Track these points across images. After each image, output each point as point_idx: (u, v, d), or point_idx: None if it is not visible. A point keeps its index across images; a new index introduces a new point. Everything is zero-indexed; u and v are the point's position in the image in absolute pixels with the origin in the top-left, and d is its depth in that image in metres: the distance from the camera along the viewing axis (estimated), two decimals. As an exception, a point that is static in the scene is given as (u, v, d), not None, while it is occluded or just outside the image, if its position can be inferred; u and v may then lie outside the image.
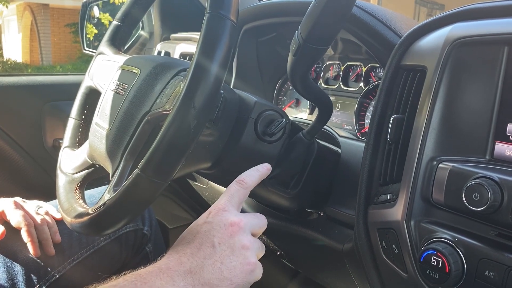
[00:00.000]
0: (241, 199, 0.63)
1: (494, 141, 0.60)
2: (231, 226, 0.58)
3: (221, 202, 0.61)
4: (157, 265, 0.54)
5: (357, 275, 0.86)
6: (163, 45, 1.48)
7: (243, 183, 0.64)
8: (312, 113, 1.09)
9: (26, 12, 12.09)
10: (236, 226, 0.58)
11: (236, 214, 0.60)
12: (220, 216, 0.59)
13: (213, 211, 0.60)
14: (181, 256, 0.54)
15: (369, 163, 0.74)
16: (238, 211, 0.61)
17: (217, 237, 0.56)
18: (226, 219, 0.58)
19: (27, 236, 0.88)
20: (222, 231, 0.57)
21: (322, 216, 0.92)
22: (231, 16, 0.60)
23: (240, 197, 0.63)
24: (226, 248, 0.56)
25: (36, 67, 11.25)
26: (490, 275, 0.55)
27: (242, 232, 0.58)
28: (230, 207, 0.61)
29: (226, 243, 0.56)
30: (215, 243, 0.56)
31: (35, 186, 1.51)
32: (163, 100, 0.69)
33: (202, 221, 0.59)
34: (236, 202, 0.62)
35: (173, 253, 0.55)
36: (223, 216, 0.59)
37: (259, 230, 0.64)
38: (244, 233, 0.58)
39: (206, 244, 0.55)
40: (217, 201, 0.62)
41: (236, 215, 0.60)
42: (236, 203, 0.62)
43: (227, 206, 0.61)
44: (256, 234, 0.63)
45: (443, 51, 0.64)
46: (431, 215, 0.63)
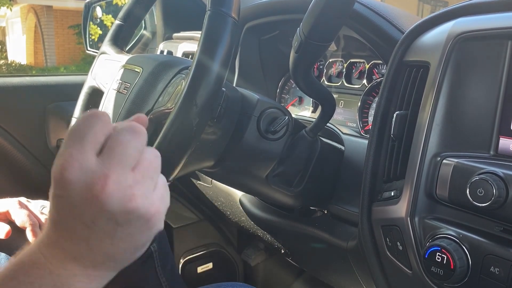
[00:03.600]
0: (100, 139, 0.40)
1: (499, 136, 0.59)
2: (96, 198, 0.38)
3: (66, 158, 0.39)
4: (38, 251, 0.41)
5: (362, 272, 0.86)
6: (166, 45, 1.48)
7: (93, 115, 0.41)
8: (315, 110, 1.09)
9: (30, 14, 12.14)
10: (103, 193, 0.38)
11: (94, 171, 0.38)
12: (72, 185, 0.38)
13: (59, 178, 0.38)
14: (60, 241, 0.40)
15: (372, 160, 0.73)
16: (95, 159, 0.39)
17: (85, 215, 0.39)
18: (83, 187, 0.38)
19: (32, 235, 0.88)
20: (88, 205, 0.38)
21: (326, 214, 0.92)
22: (233, 14, 0.60)
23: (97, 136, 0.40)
24: (105, 223, 0.39)
25: (40, 69, 11.29)
26: (495, 271, 0.55)
27: (116, 196, 0.39)
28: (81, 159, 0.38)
29: (102, 218, 0.39)
30: (87, 223, 0.39)
31: (39, 186, 1.51)
32: (165, 98, 0.69)
33: (52, 196, 0.40)
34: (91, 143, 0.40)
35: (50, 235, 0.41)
36: (77, 183, 0.38)
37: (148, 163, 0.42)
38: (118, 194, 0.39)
39: (78, 227, 0.39)
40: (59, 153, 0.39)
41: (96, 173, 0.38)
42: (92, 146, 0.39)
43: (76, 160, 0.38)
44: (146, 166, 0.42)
45: (446, 47, 0.63)
46: (435, 212, 0.63)
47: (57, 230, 0.41)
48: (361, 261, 0.80)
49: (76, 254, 0.41)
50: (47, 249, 0.41)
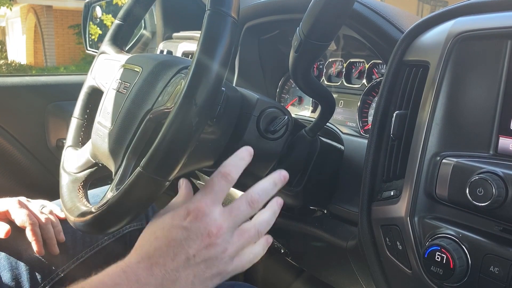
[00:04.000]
0: (225, 195, 0.56)
1: (498, 136, 0.59)
2: (208, 237, 0.51)
3: (203, 202, 0.54)
4: (124, 274, 0.49)
5: (361, 272, 0.86)
6: (166, 44, 1.48)
7: (229, 177, 0.56)
8: (315, 110, 1.09)
9: (30, 14, 12.14)
10: (214, 237, 0.52)
11: (217, 218, 0.53)
12: (199, 223, 0.52)
13: (193, 213, 0.53)
14: (153, 265, 0.50)
15: (372, 160, 0.73)
16: (220, 210, 0.54)
17: (192, 248, 0.51)
18: (205, 227, 0.52)
19: (32, 235, 0.88)
20: (199, 241, 0.51)
21: (325, 214, 0.92)
22: (232, 13, 0.60)
23: (224, 193, 0.56)
24: (200, 261, 0.51)
25: (40, 69, 11.30)
26: (495, 270, 0.55)
27: (220, 244, 0.52)
28: (212, 208, 0.53)
29: (201, 256, 0.51)
30: (190, 255, 0.51)
31: (39, 185, 1.51)
32: (165, 98, 0.69)
33: (178, 224, 0.52)
34: (219, 199, 0.55)
35: (144, 259, 0.51)
36: (203, 222, 0.52)
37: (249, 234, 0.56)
38: (221, 244, 0.52)
39: (181, 256, 0.51)
40: (197, 197, 0.55)
41: (216, 221, 0.53)
42: (219, 201, 0.55)
43: (209, 207, 0.53)
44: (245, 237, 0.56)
45: (445, 46, 0.63)
46: (435, 211, 0.63)
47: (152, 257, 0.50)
48: (360, 260, 0.80)
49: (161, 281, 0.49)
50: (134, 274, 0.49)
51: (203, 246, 0.51)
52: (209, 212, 0.53)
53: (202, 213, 0.52)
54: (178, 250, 0.51)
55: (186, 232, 0.51)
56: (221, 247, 0.52)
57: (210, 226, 0.52)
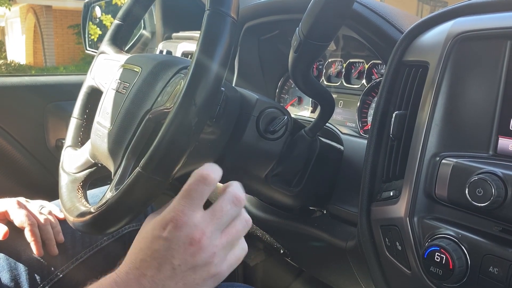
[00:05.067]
0: (205, 199, 0.53)
1: (498, 136, 0.59)
2: (191, 246, 0.50)
3: (180, 209, 0.51)
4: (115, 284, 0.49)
5: (361, 272, 0.86)
6: (165, 44, 1.48)
7: (208, 178, 0.52)
8: (315, 110, 1.09)
9: (29, 14, 12.13)
10: (197, 245, 0.50)
11: (197, 225, 0.50)
12: (179, 232, 0.50)
13: (171, 224, 0.50)
14: (141, 277, 0.50)
15: (371, 160, 0.73)
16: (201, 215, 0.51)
17: (176, 258, 0.50)
18: (186, 235, 0.50)
19: (31, 235, 0.88)
20: (182, 251, 0.50)
21: (325, 214, 0.92)
22: (232, 13, 0.60)
23: (204, 197, 0.52)
24: (187, 269, 0.50)
25: (40, 69, 11.29)
26: (494, 271, 0.55)
27: (205, 250, 0.50)
28: (191, 214, 0.51)
29: (187, 264, 0.50)
30: (175, 265, 0.50)
31: (38, 186, 1.51)
32: (164, 98, 0.69)
33: (158, 235, 0.51)
34: (199, 204, 0.52)
35: (132, 270, 0.50)
36: (183, 231, 0.50)
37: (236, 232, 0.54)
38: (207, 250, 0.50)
39: (166, 266, 0.50)
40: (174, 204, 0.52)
41: (198, 227, 0.50)
42: (199, 205, 0.52)
43: (187, 214, 0.51)
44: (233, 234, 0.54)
45: (445, 46, 0.63)
46: (434, 211, 0.63)
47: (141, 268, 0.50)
48: (360, 261, 0.80)
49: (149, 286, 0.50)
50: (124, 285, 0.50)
51: (188, 254, 0.50)
52: (188, 219, 0.50)
53: (181, 222, 0.50)
54: (162, 261, 0.50)
55: (167, 243, 0.50)
56: (208, 252, 0.51)
57: (192, 234, 0.50)
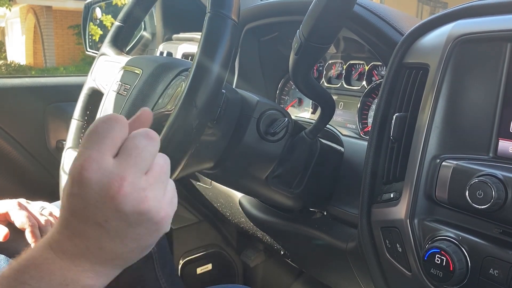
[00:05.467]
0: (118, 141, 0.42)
1: (498, 139, 0.59)
2: (112, 199, 0.40)
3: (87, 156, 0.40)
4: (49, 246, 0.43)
5: (361, 274, 0.86)
6: (165, 46, 1.48)
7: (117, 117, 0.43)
8: (315, 112, 1.09)
9: (30, 14, 12.13)
10: (119, 195, 0.40)
11: (113, 170, 0.40)
12: (89, 186, 0.40)
13: (77, 177, 0.40)
14: (72, 236, 0.42)
15: (372, 162, 0.73)
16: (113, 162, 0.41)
17: (100, 214, 0.40)
18: (101, 187, 0.40)
19: (31, 237, 0.88)
20: (101, 206, 0.40)
21: (325, 215, 0.92)
22: (232, 16, 0.60)
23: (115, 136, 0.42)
24: (120, 224, 0.41)
25: (40, 69, 11.28)
26: (495, 273, 0.55)
27: (131, 197, 0.40)
28: (101, 159, 0.40)
29: (116, 218, 0.41)
30: (101, 222, 0.41)
31: (39, 187, 1.51)
32: (165, 100, 0.69)
33: (69, 192, 0.41)
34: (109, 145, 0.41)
35: (63, 229, 0.43)
36: (94, 184, 0.40)
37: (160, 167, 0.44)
38: (132, 196, 0.40)
39: (91, 226, 0.41)
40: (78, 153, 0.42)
41: (112, 173, 0.40)
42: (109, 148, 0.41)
43: (96, 160, 0.40)
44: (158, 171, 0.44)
45: (445, 49, 0.63)
46: (435, 213, 0.63)
47: (69, 227, 0.43)
48: (360, 262, 0.80)
49: (86, 251, 0.42)
50: (58, 245, 0.43)
51: (112, 208, 0.40)
52: (99, 165, 0.40)
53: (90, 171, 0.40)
54: (84, 220, 0.41)
55: (81, 200, 0.41)
56: (137, 198, 0.41)
57: (108, 183, 0.40)
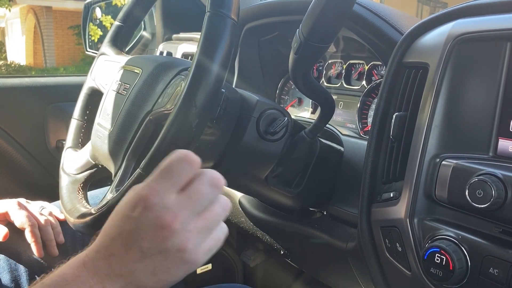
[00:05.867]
0: (184, 180, 0.47)
1: (497, 138, 0.59)
2: (161, 229, 0.44)
3: (153, 189, 0.45)
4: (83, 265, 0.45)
5: (361, 273, 0.86)
6: (165, 46, 1.48)
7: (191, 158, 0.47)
8: (315, 112, 1.09)
9: (30, 14, 12.14)
10: (168, 229, 0.44)
11: (170, 208, 0.45)
12: (149, 213, 0.44)
13: (141, 203, 0.45)
14: (110, 256, 0.45)
15: (371, 161, 0.73)
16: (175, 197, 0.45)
17: (145, 241, 0.44)
18: (156, 218, 0.44)
19: (31, 236, 0.88)
20: (151, 234, 0.44)
21: (325, 215, 0.92)
22: (232, 15, 0.60)
23: (183, 177, 0.46)
24: (157, 253, 0.45)
25: (40, 70, 11.29)
26: (495, 272, 0.55)
27: (177, 235, 0.45)
28: (164, 195, 0.45)
29: (157, 248, 0.45)
30: (143, 248, 0.44)
31: (39, 187, 1.51)
32: (165, 99, 0.69)
33: (127, 214, 0.45)
34: (175, 185, 0.46)
35: (102, 249, 0.46)
36: (153, 213, 0.44)
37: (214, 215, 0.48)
38: (179, 234, 0.45)
39: (134, 248, 0.45)
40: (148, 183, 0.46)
41: (169, 210, 0.44)
42: (174, 187, 0.46)
43: (160, 195, 0.45)
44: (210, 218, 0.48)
45: (445, 48, 0.63)
46: (435, 213, 0.63)
47: (110, 247, 0.45)
48: (360, 262, 0.80)
49: (118, 274, 0.45)
50: (92, 264, 0.45)
51: (158, 238, 0.44)
52: (161, 200, 0.45)
53: (152, 202, 0.44)
54: (130, 242, 0.45)
55: (135, 223, 0.45)
56: (180, 237, 0.45)
57: (163, 217, 0.44)
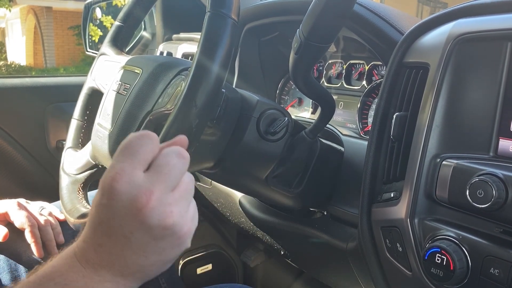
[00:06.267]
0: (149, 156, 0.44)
1: (498, 138, 0.59)
2: (139, 211, 0.41)
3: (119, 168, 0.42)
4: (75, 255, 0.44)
5: (361, 274, 0.85)
6: (165, 46, 1.48)
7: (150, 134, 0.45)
8: (315, 112, 1.09)
9: (30, 15, 12.14)
10: (146, 207, 0.41)
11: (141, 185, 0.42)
12: (118, 197, 0.41)
13: (107, 189, 0.42)
14: (96, 246, 0.43)
15: (372, 161, 0.73)
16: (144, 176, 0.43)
17: (126, 226, 0.42)
18: (129, 199, 0.41)
19: (31, 237, 0.88)
20: (128, 218, 0.41)
21: (325, 215, 0.92)
22: (232, 15, 0.60)
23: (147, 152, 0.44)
24: (144, 236, 0.42)
25: (40, 70, 11.29)
26: (495, 272, 0.55)
27: (157, 212, 0.42)
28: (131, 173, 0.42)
29: (141, 231, 0.42)
30: (126, 234, 0.42)
31: (39, 187, 1.51)
32: (165, 99, 0.69)
33: (98, 202, 0.43)
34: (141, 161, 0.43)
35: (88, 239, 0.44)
36: (123, 195, 0.41)
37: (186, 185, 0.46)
38: (159, 210, 0.42)
39: (116, 235, 0.42)
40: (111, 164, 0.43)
41: (141, 189, 0.41)
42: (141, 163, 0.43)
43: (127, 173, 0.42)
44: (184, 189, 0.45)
45: (445, 48, 0.63)
46: (435, 213, 0.63)
47: (94, 237, 0.44)
48: (360, 262, 0.80)
49: (109, 261, 0.43)
50: (82, 254, 0.44)
51: (138, 221, 0.41)
52: (129, 178, 0.42)
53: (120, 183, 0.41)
54: (110, 230, 0.42)
55: (109, 211, 0.42)
56: (162, 213, 0.42)
57: (137, 196, 0.41)
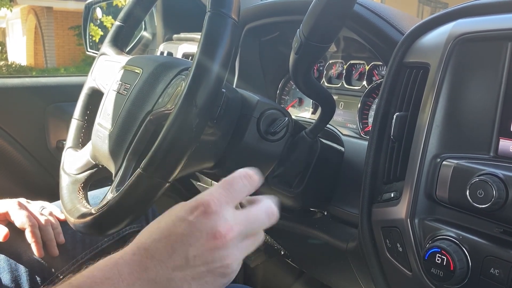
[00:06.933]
0: (243, 196, 0.48)
1: (498, 138, 0.59)
2: (214, 239, 0.43)
3: (216, 197, 0.45)
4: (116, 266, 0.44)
5: (361, 274, 0.85)
6: (166, 46, 1.48)
7: (253, 178, 0.49)
8: (315, 112, 1.09)
9: (30, 15, 12.15)
10: (221, 240, 0.43)
11: (228, 220, 0.45)
12: (206, 220, 0.44)
13: (201, 208, 0.44)
14: (148, 259, 0.43)
15: (372, 161, 0.73)
16: (233, 213, 0.46)
17: (194, 247, 0.43)
18: (212, 226, 0.44)
19: (31, 236, 0.88)
20: (202, 241, 0.43)
21: (325, 215, 0.92)
22: (233, 15, 0.60)
23: (243, 193, 0.48)
24: (201, 264, 0.43)
25: (41, 70, 11.30)
26: (495, 272, 0.55)
27: (227, 248, 0.44)
28: (224, 208, 0.45)
29: (202, 258, 0.43)
30: (189, 255, 0.43)
31: (39, 187, 1.51)
32: (165, 99, 0.69)
33: (183, 217, 0.45)
34: (236, 199, 0.47)
35: (140, 250, 0.44)
36: (211, 219, 0.44)
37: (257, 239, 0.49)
38: (228, 248, 0.44)
39: (180, 253, 0.43)
40: (212, 191, 0.47)
41: (226, 223, 0.44)
42: (235, 201, 0.47)
43: (222, 204, 0.45)
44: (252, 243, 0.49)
45: (446, 48, 0.63)
46: (435, 213, 0.63)
47: (150, 249, 0.44)
48: (361, 262, 0.80)
49: (152, 279, 0.42)
50: (126, 266, 0.43)
51: (207, 247, 0.43)
52: (221, 210, 0.45)
53: (212, 209, 0.44)
54: (177, 246, 0.43)
55: (189, 227, 0.44)
56: (228, 252, 0.44)
57: (219, 226, 0.44)
